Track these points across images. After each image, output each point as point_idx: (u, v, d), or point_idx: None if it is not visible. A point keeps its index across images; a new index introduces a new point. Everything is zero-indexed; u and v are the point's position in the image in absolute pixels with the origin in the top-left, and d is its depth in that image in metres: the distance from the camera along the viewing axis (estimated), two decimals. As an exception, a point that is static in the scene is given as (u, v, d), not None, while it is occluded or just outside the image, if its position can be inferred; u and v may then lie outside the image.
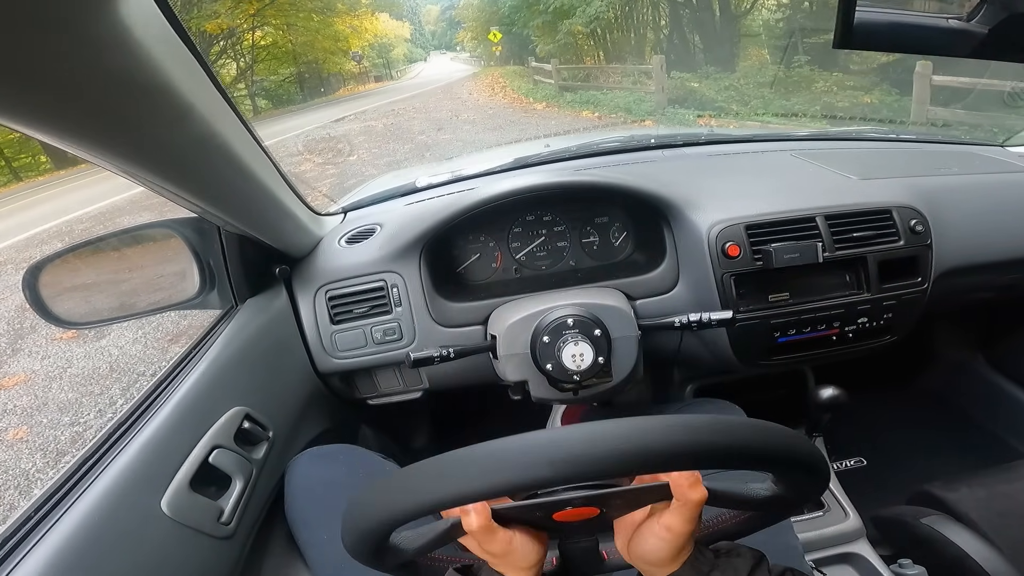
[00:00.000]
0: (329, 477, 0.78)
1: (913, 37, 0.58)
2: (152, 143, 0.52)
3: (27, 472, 2.30)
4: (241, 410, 0.75)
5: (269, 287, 0.93)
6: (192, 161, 0.60)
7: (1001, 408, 1.37)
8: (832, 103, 7.32)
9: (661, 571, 0.44)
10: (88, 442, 0.61)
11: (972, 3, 0.55)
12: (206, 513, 0.64)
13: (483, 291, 1.00)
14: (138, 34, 0.41)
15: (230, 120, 0.62)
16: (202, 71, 0.54)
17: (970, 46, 0.56)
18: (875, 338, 0.96)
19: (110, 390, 2.83)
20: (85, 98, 0.42)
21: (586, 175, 0.98)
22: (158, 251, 0.91)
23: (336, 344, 0.95)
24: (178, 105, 0.50)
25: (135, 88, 0.45)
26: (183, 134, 0.54)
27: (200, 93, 0.53)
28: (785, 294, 0.92)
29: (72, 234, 5.70)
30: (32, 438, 2.52)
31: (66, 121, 0.43)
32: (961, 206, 1.03)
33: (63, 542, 0.50)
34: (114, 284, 0.92)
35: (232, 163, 0.65)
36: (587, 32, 12.92)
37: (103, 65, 0.40)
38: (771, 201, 0.95)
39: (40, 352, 3.33)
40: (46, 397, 2.85)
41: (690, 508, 0.41)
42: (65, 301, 0.83)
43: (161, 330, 3.30)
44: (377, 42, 23.64)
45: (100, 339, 3.30)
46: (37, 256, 0.80)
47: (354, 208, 1.17)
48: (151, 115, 0.49)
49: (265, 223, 0.82)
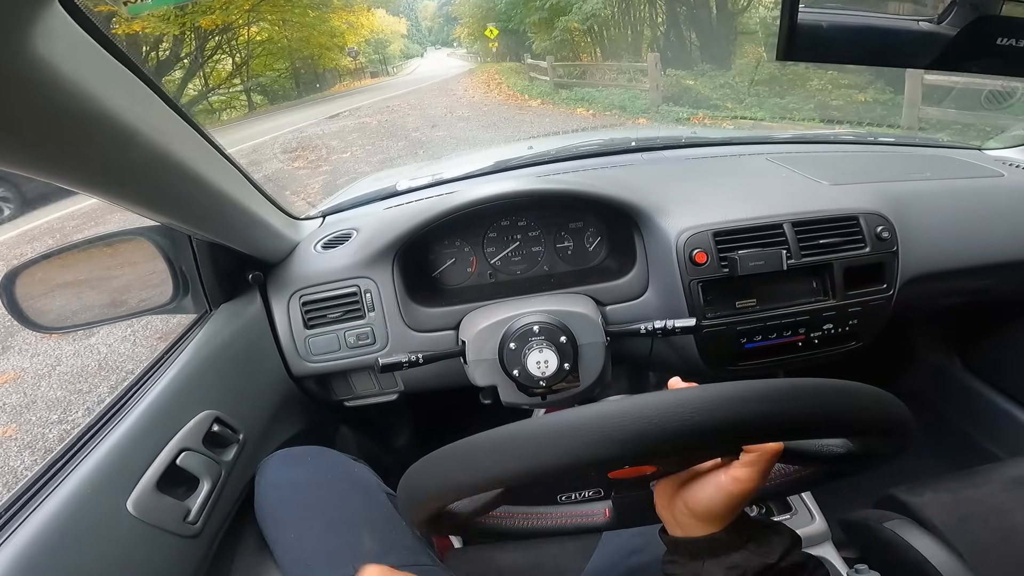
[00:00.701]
0: (297, 478, 0.79)
1: (871, 44, 0.54)
2: (101, 167, 0.52)
3: (15, 470, 2.32)
4: (211, 414, 0.77)
5: (243, 292, 0.94)
6: (146, 180, 0.60)
7: (976, 411, 1.39)
8: (826, 101, 7.35)
9: (703, 528, 0.43)
10: (50, 453, 0.63)
11: (943, 4, 0.53)
12: (172, 513, 0.66)
13: (457, 296, 1.01)
14: (65, 68, 0.41)
15: (185, 136, 0.62)
16: (147, 90, 0.54)
17: (935, 54, 0.53)
18: (841, 344, 0.98)
19: (98, 388, 2.85)
20: (24, 132, 0.42)
21: (560, 182, 0.98)
22: (133, 256, 0.91)
23: (310, 348, 0.96)
24: (122, 130, 0.50)
25: (73, 120, 0.44)
26: (131, 157, 0.54)
27: (146, 114, 0.53)
28: (752, 300, 0.93)
29: (63, 231, 5.67)
30: (21, 436, 2.54)
31: (10, 151, 0.43)
32: (931, 212, 1.04)
33: (30, 540, 0.52)
34: (90, 289, 0.93)
35: (188, 178, 0.64)
36: (583, 29, 12.90)
37: (35, 102, 0.40)
38: (740, 207, 0.96)
39: (29, 350, 3.34)
40: (35, 395, 2.87)
41: (764, 461, 0.39)
42: (42, 306, 0.84)
43: (150, 328, 3.30)
44: (373, 38, 23.50)
45: (89, 337, 3.31)
46: (29, 252, 0.81)
47: (333, 212, 1.18)
48: (95, 142, 0.49)
49: (234, 232, 0.83)
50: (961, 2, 0.52)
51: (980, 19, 0.51)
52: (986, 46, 0.51)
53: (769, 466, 0.40)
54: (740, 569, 0.42)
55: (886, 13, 0.55)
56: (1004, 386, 1.33)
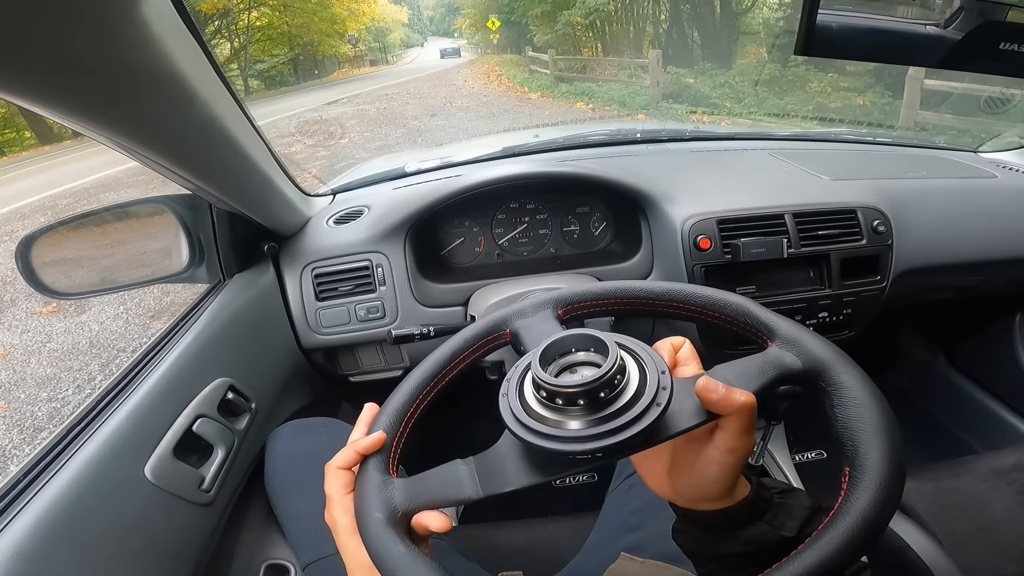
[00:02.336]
0: (309, 449, 0.80)
1: (882, 44, 0.57)
2: (158, 125, 0.56)
3: (3, 448, 2.27)
4: (225, 381, 0.77)
5: (257, 263, 0.95)
6: (193, 142, 0.62)
7: (959, 406, 1.42)
8: (825, 103, 7.38)
9: (712, 503, 0.41)
10: (68, 416, 0.64)
11: (951, 9, 0.55)
12: (188, 480, 0.66)
13: (465, 274, 1.03)
14: (156, 29, 0.45)
15: (229, 104, 0.64)
16: (206, 60, 0.57)
17: (941, 54, 0.56)
18: (834, 332, 1.01)
19: (89, 366, 2.81)
20: (104, 84, 0.45)
21: (569, 166, 1.01)
22: (147, 226, 0.93)
23: (320, 320, 0.98)
24: (185, 90, 0.54)
25: (148, 75, 0.48)
26: (187, 117, 0.57)
27: (204, 80, 0.57)
28: (752, 287, 0.96)
29: (55, 208, 5.61)
30: (9, 413, 2.50)
31: (82, 104, 0.46)
32: (926, 209, 1.07)
33: (50, 504, 0.51)
34: (105, 257, 0.94)
35: (229, 145, 0.68)
36: (586, 23, 12.89)
37: (123, 55, 0.44)
38: (744, 197, 0.99)
39: (20, 326, 3.30)
40: (24, 372, 2.83)
41: (744, 417, 0.37)
42: (56, 272, 0.85)
43: (143, 306, 3.27)
44: (374, 25, 23.31)
45: (81, 314, 3.26)
46: (19, 229, 0.82)
47: (343, 190, 1.19)
48: (160, 99, 0.52)
49: (256, 202, 0.85)
50: (969, 7, 0.55)
51: (985, 24, 0.53)
52: (989, 50, 0.54)
53: (750, 421, 0.37)
54: (758, 543, 0.40)
55: (896, 16, 0.58)
56: (985, 382, 1.37)
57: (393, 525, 0.38)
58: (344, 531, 0.43)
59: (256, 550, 0.79)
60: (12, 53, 0.37)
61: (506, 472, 0.38)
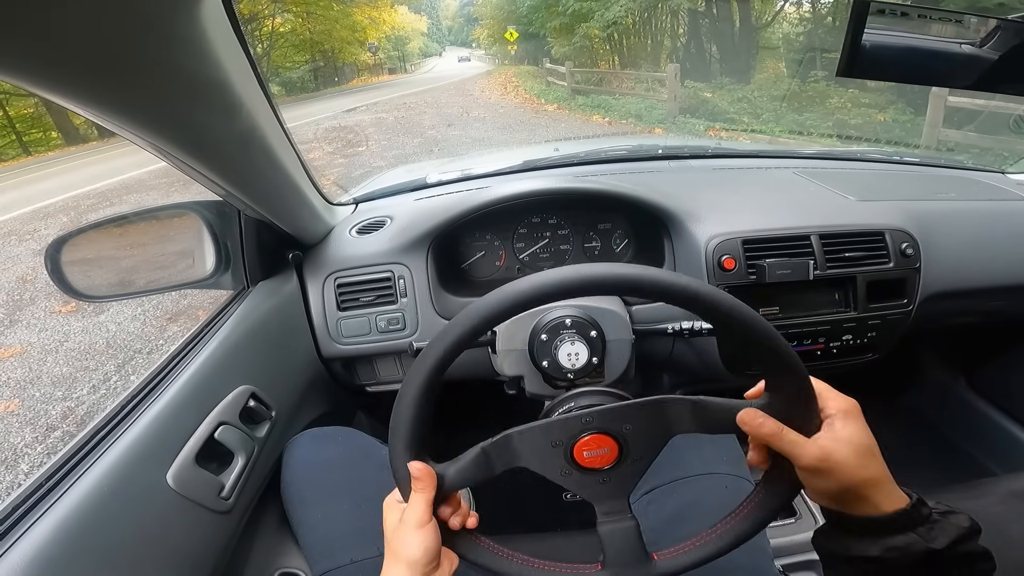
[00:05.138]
0: (328, 457, 0.80)
1: (920, 64, 0.57)
2: (202, 130, 0.56)
3: (15, 446, 2.24)
4: (248, 388, 0.77)
5: (280, 271, 0.96)
6: (232, 149, 0.63)
7: (978, 430, 1.40)
8: (845, 120, 7.31)
9: (868, 509, 0.44)
10: (81, 418, 0.64)
11: (986, 29, 0.55)
12: (208, 488, 0.66)
13: (486, 287, 1.02)
14: (210, 35, 0.47)
15: (268, 115, 0.66)
16: (251, 69, 0.59)
17: (976, 75, 0.56)
18: (858, 355, 0.99)
19: (105, 366, 2.80)
20: (153, 87, 0.46)
21: (593, 182, 1.00)
22: (171, 230, 0.94)
23: (341, 330, 0.99)
24: (231, 98, 0.55)
25: (198, 81, 0.49)
26: (230, 124, 0.58)
27: (249, 89, 0.58)
28: (775, 308, 0.95)
29: (79, 209, 5.72)
30: (23, 411, 2.49)
31: (132, 107, 0.47)
32: (953, 232, 1.05)
33: (72, 509, 0.51)
34: (130, 260, 0.96)
35: (265, 154, 0.69)
36: (604, 36, 12.95)
37: (178, 59, 0.45)
38: (769, 217, 0.98)
39: (38, 325, 3.32)
40: (40, 370, 2.83)
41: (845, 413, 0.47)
42: (85, 275, 0.86)
43: (160, 308, 3.29)
44: (394, 34, 23.66)
45: (99, 315, 3.28)
46: (41, 228, 0.83)
47: (366, 199, 1.20)
48: (207, 105, 0.53)
49: (284, 210, 0.85)
50: (1005, 27, 0.55)
51: (1022, 44, 0.53)
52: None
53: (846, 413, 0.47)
54: (900, 551, 0.42)
55: (933, 35, 0.58)
56: (1006, 405, 1.35)
57: None
58: (407, 524, 0.49)
59: (270, 558, 0.78)
60: (81, 58, 0.38)
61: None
